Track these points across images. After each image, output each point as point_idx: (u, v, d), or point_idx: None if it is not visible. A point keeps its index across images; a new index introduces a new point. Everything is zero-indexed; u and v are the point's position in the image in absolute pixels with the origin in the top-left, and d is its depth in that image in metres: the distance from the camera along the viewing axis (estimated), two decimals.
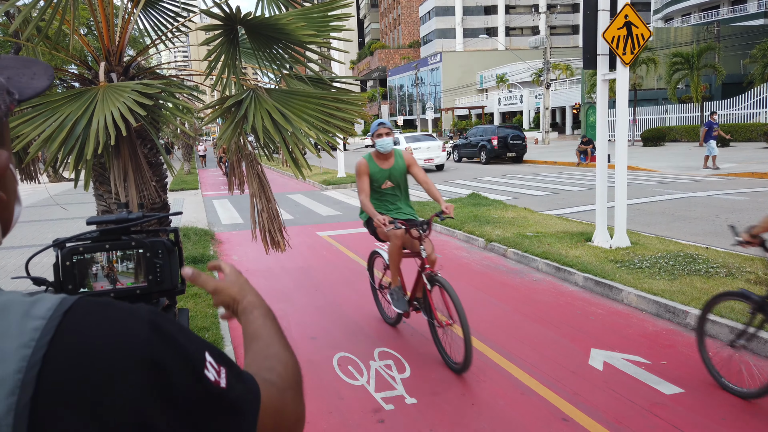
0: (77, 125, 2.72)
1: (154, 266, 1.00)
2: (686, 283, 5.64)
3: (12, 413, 0.48)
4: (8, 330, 0.51)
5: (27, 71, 0.69)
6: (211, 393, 0.59)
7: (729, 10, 45.28)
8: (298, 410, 0.77)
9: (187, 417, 0.57)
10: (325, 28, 3.22)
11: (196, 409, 0.58)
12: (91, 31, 13.48)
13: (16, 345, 0.51)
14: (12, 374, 0.49)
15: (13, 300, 0.54)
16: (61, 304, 0.54)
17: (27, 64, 0.70)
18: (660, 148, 27.80)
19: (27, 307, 0.54)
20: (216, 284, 0.91)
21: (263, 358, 0.82)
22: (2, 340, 0.51)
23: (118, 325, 0.55)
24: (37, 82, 0.68)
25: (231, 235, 10.24)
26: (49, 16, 3.18)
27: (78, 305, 0.55)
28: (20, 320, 0.52)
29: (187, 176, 23.38)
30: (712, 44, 29.29)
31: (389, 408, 3.66)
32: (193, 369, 0.59)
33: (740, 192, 12.43)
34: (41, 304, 0.54)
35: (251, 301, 0.91)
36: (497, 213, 10.26)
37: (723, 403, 3.57)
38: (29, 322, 0.52)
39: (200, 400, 0.58)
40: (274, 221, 3.62)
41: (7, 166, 0.61)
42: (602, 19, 7.14)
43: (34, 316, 0.53)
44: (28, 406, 0.49)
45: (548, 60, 36.45)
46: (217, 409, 0.60)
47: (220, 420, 0.61)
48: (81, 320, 0.54)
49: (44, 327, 0.52)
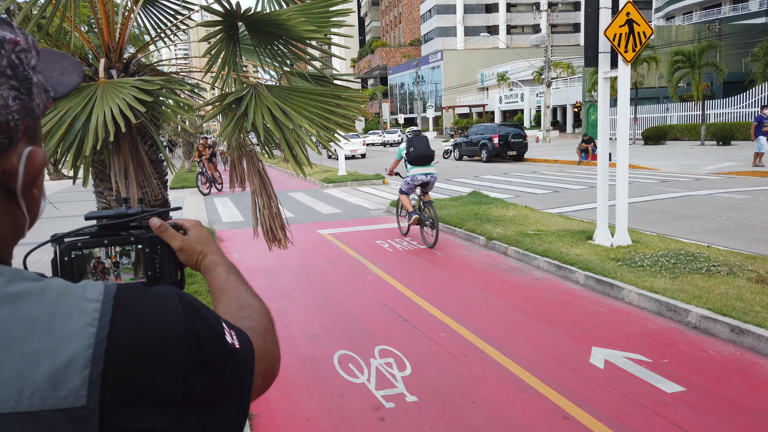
0: (76, 121, 2.71)
1: (153, 262, 0.99)
2: (687, 281, 5.63)
3: (86, 385, 0.53)
4: (72, 311, 0.56)
5: (57, 66, 0.71)
6: (231, 354, 0.66)
7: (730, 9, 45.18)
8: (277, 350, 0.84)
9: (215, 377, 0.63)
10: (326, 24, 3.20)
11: (222, 369, 0.65)
12: (92, 29, 13.48)
13: (83, 323, 0.56)
14: (84, 350, 0.54)
15: (65, 285, 0.59)
16: (108, 289, 0.60)
17: (57, 58, 0.72)
18: (661, 147, 27.77)
19: (81, 290, 0.58)
20: (182, 241, 0.94)
21: (236, 309, 0.86)
22: (70, 319, 0.56)
23: (160, 304, 0.61)
24: (68, 78, 0.71)
25: (232, 232, 10.24)
26: (50, 14, 3.17)
27: (121, 288, 0.61)
28: (79, 302, 0.57)
29: (188, 174, 23.37)
30: (714, 42, 29.16)
31: (390, 406, 3.65)
32: (218, 335, 0.66)
33: (741, 190, 12.40)
34: (92, 289, 0.59)
35: (213, 260, 0.94)
36: (498, 211, 10.25)
37: (724, 402, 3.56)
38: (88, 303, 0.57)
39: (224, 361, 0.65)
40: (276, 218, 3.61)
41: (44, 163, 0.64)
42: (604, 16, 7.12)
43: (89, 298, 0.58)
44: (99, 378, 0.54)
45: (549, 58, 36.39)
46: (235, 367, 0.67)
47: (239, 376, 0.68)
48: (130, 302, 0.59)
49: (101, 308, 0.57)
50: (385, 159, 31.09)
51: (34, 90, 0.61)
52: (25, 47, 0.59)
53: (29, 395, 0.52)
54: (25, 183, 0.62)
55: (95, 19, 3.48)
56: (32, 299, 0.56)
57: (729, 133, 26.46)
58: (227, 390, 0.66)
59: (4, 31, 0.58)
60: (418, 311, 5.48)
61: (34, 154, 0.62)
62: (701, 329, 4.75)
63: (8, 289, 0.56)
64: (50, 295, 0.57)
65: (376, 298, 5.95)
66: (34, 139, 0.64)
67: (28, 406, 0.52)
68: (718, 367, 4.07)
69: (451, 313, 5.35)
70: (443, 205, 11.33)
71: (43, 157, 0.63)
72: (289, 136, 3.08)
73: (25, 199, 0.63)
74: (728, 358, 4.22)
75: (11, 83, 0.57)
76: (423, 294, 6.02)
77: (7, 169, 0.60)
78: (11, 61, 0.57)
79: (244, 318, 0.84)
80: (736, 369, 4.04)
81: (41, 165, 0.63)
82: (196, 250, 0.94)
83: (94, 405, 0.53)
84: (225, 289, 0.90)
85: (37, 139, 0.64)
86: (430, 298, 5.85)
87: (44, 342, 0.54)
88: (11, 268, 0.59)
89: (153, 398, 0.57)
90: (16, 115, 0.58)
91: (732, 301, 4.96)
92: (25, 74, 0.59)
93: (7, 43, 0.57)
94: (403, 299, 5.88)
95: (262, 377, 0.76)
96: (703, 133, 27.59)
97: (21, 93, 0.59)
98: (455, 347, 4.56)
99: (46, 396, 0.52)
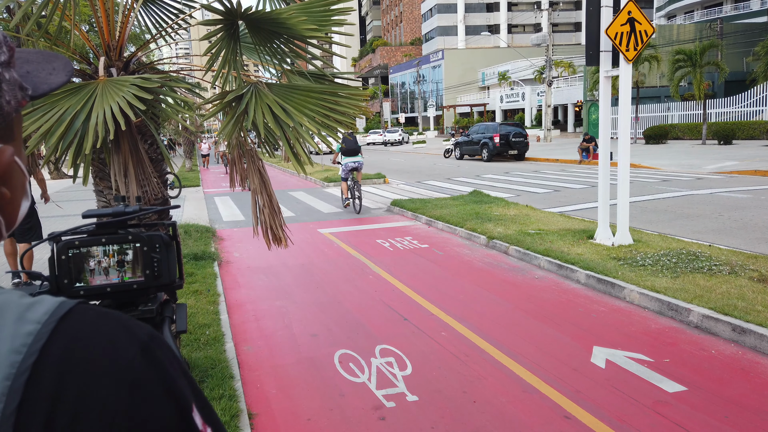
0: (76, 119, 2.70)
1: (151, 261, 0.98)
2: (689, 280, 5.62)
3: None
4: (2, 333, 0.49)
5: (47, 66, 0.68)
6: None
7: (732, 8, 45.12)
8: None
9: None
10: (327, 23, 3.19)
11: None
12: (92, 28, 13.47)
13: (7, 350, 0.49)
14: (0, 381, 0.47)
15: (10, 301, 0.52)
16: (58, 309, 0.52)
17: (49, 59, 0.69)
18: (662, 146, 27.74)
19: (23, 310, 0.51)
20: None
21: None
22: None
23: (109, 339, 0.53)
24: (55, 77, 0.67)
25: (232, 232, 10.23)
26: (49, 12, 3.16)
27: (75, 311, 0.53)
28: (15, 324, 0.50)
29: (189, 173, 23.36)
30: (715, 42, 29.14)
31: (390, 405, 3.64)
32: (177, 404, 0.54)
33: (743, 190, 12.38)
34: (38, 308, 0.52)
35: None
36: (499, 210, 10.24)
37: (726, 402, 3.54)
38: (23, 326, 0.50)
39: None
40: (276, 217, 3.60)
41: (10, 162, 0.59)
42: (605, 15, 7.11)
43: (28, 320, 0.50)
44: (14, 415, 0.47)
45: (550, 57, 36.37)
46: None
47: None
48: (75, 328, 0.52)
49: (38, 332, 0.50)
50: (386, 158, 31.08)
51: (4, 87, 0.58)
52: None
53: None
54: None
55: (95, 17, 3.47)
56: None
57: (730, 133, 26.43)
58: None
59: None
60: (418, 310, 5.47)
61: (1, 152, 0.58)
62: (703, 329, 4.74)
63: None
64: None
65: (376, 297, 5.94)
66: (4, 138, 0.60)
67: None
68: (720, 367, 4.06)
69: (451, 313, 5.34)
70: (444, 204, 11.32)
71: (9, 155, 0.59)
72: (289, 134, 3.07)
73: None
74: (730, 357, 4.21)
75: None
76: (424, 293, 6.01)
77: None
78: None
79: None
80: (738, 369, 4.03)
81: (7, 164, 0.59)
82: None
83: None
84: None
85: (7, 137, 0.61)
86: (431, 298, 5.84)
87: None
88: None
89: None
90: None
91: (734, 300, 4.95)
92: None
93: None
94: (404, 298, 5.87)
95: None
96: (705, 132, 27.56)
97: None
98: (456, 346, 4.55)
99: None
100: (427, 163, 25.58)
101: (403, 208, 11.40)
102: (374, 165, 24.23)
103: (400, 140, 48.80)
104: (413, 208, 11.07)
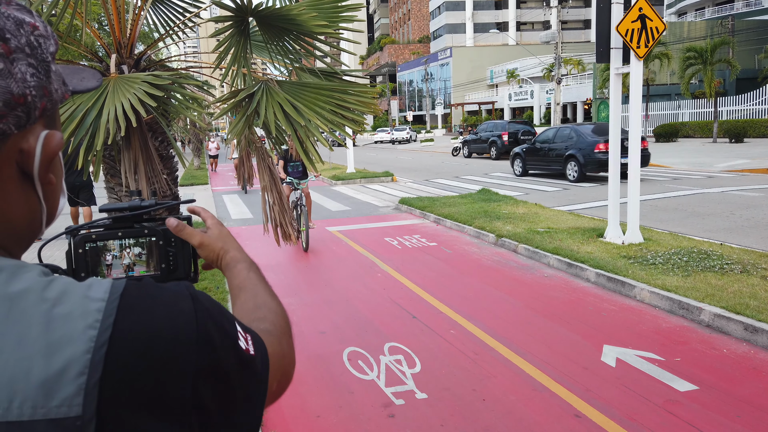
0: (88, 116, 2.72)
1: (167, 254, 0.98)
2: (700, 279, 5.57)
3: (82, 393, 0.50)
4: (73, 311, 0.53)
5: (77, 76, 0.74)
6: (244, 361, 0.62)
7: (743, 4, 44.70)
8: (293, 354, 0.81)
9: (227, 385, 0.60)
10: (336, 19, 3.19)
11: (234, 377, 0.61)
12: (102, 27, 13.56)
13: (83, 326, 0.52)
14: (81, 355, 0.51)
15: (70, 282, 0.56)
16: (115, 287, 0.56)
17: (77, 71, 0.75)
18: (673, 144, 27.53)
19: (84, 289, 0.55)
20: (202, 238, 0.92)
21: (253, 308, 0.84)
22: (69, 321, 0.52)
23: (171, 305, 0.58)
24: (87, 82, 0.74)
25: (241, 230, 10.27)
26: (60, 10, 3.18)
27: (129, 286, 0.57)
28: (82, 302, 0.54)
29: (197, 171, 23.45)
30: (726, 39, 28.84)
31: (399, 403, 3.64)
32: (232, 340, 0.62)
33: (755, 188, 12.26)
34: (97, 287, 0.56)
35: (234, 256, 0.92)
36: (508, 209, 10.20)
37: (738, 401, 3.51)
38: (91, 303, 0.54)
39: (237, 368, 0.61)
40: (286, 214, 3.61)
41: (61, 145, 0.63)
42: (616, 12, 7.06)
43: (93, 297, 0.54)
44: (97, 386, 0.50)
45: (559, 55, 36.17)
46: (249, 375, 0.63)
47: (252, 384, 0.64)
48: (137, 301, 0.56)
49: (105, 309, 0.54)
50: (393, 156, 31.07)
51: (52, 75, 0.61)
52: (43, 33, 0.60)
53: (19, 404, 0.49)
54: (41, 165, 0.61)
55: (106, 15, 3.49)
56: (31, 298, 0.53)
57: (742, 131, 26.19)
58: (240, 399, 0.62)
59: (24, 15, 0.59)
60: (427, 308, 5.46)
61: (52, 135, 0.61)
62: (714, 328, 4.70)
63: (8, 287, 0.53)
64: (51, 294, 0.53)
65: (385, 295, 5.94)
66: (52, 124, 0.63)
67: (17, 415, 0.49)
68: (732, 366, 4.02)
69: (460, 311, 5.33)
70: (452, 202, 11.30)
71: (60, 139, 0.62)
72: (300, 132, 3.07)
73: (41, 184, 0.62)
74: (742, 356, 4.17)
75: (29, 60, 0.57)
76: (432, 291, 6.00)
77: (25, 149, 0.59)
78: (30, 41, 0.58)
79: (259, 318, 0.81)
80: (750, 368, 3.99)
81: (58, 146, 0.62)
82: (216, 247, 0.92)
83: (90, 415, 0.50)
84: (244, 287, 0.88)
85: (54, 125, 0.64)
86: (440, 296, 5.83)
87: (39, 346, 0.50)
88: (15, 263, 0.56)
89: (158, 409, 0.53)
90: (34, 91, 0.58)
91: (746, 299, 4.90)
92: (44, 57, 0.59)
93: (27, 24, 0.58)
94: (413, 296, 5.87)
95: (277, 382, 0.72)
96: (716, 130, 27.32)
97: (39, 72, 0.59)
98: (465, 344, 4.54)
99: (38, 405, 0.49)
100: (435, 162, 25.53)
101: (412, 206, 11.39)
102: (382, 163, 24.23)
103: (408, 138, 48.73)
104: (421, 207, 11.05)
